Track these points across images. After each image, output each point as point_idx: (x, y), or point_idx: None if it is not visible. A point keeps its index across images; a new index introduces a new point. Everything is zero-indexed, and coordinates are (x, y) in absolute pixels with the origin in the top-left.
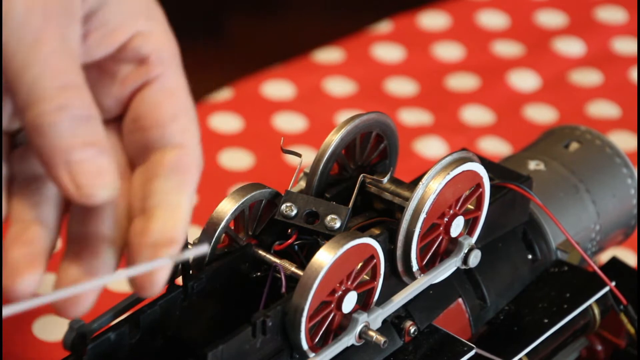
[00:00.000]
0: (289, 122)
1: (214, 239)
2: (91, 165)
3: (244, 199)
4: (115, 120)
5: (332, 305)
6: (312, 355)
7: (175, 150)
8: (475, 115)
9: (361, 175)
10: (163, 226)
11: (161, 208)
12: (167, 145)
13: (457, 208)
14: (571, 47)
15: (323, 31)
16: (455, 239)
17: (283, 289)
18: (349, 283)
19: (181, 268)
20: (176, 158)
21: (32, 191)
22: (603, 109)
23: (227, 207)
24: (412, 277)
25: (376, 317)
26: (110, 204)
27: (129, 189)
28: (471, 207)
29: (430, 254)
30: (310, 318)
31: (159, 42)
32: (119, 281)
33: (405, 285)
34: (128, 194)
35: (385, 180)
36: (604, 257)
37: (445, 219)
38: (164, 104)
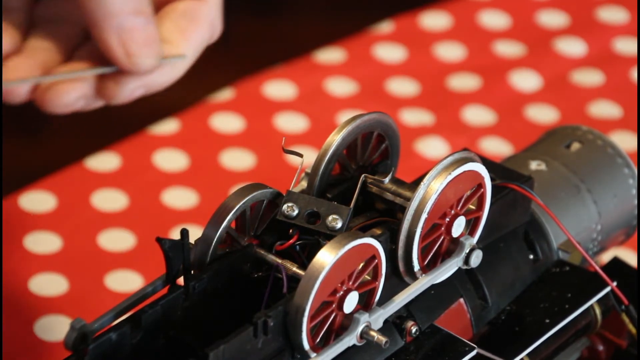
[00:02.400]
0: (290, 122)
1: (215, 239)
2: (141, 34)
3: (246, 199)
4: None
5: (334, 306)
6: (313, 355)
7: (193, 1)
8: (477, 115)
9: (362, 175)
10: None
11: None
12: None
13: (459, 208)
14: (572, 47)
15: (324, 31)
16: (457, 239)
17: (284, 289)
18: (350, 283)
19: (182, 268)
20: (191, 7)
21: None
22: (604, 109)
23: (228, 207)
24: (414, 277)
25: (377, 317)
26: None
27: None
28: (472, 207)
29: (431, 254)
30: (312, 318)
31: None
32: (119, 282)
33: (406, 285)
34: None
35: (386, 180)
36: (606, 257)
37: (447, 219)
38: None
